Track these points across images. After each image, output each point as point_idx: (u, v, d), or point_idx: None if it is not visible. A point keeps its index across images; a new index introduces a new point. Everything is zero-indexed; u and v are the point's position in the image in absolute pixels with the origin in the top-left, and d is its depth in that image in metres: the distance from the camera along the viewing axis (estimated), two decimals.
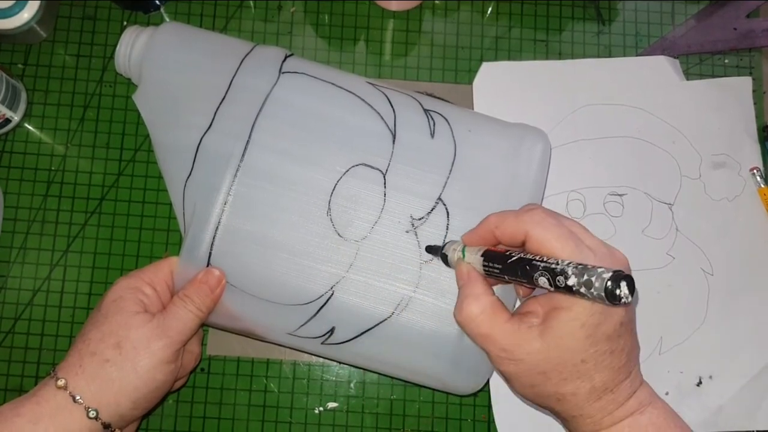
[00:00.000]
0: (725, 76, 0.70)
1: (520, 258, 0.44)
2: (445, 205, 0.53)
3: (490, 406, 0.62)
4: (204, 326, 0.59)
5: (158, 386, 0.49)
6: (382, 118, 0.55)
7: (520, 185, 0.53)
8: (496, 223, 0.47)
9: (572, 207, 0.65)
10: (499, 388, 0.61)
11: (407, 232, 0.53)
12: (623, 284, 0.37)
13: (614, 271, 0.38)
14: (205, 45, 0.59)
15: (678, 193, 0.66)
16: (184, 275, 0.52)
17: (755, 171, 0.66)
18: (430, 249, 0.52)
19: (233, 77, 0.55)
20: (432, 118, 0.56)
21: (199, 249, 0.52)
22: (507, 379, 0.47)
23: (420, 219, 0.53)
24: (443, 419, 0.62)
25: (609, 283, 0.37)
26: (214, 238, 0.52)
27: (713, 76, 0.70)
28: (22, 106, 0.65)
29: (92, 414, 0.46)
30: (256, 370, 0.62)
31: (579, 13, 0.71)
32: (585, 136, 0.67)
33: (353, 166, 0.53)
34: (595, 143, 0.67)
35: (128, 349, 0.48)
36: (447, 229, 0.53)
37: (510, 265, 0.44)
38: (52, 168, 0.65)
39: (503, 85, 0.68)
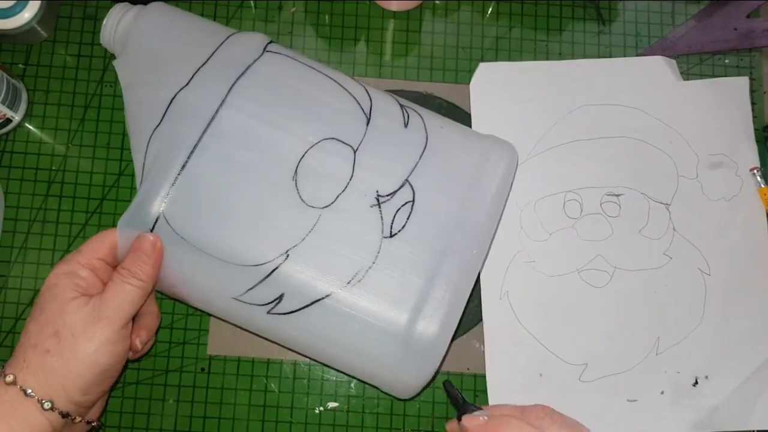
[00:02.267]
0: (725, 76, 0.70)
1: None
2: (412, 186, 0.54)
3: None
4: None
5: (105, 369, 0.48)
6: (358, 103, 0.56)
7: (484, 185, 0.55)
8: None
9: (569, 207, 0.65)
10: (498, 390, 0.62)
11: (372, 206, 0.53)
12: None
13: None
14: (192, 24, 0.59)
15: (675, 193, 0.66)
16: (131, 232, 0.51)
17: (755, 171, 0.66)
18: (449, 388, 0.54)
19: (217, 48, 0.56)
20: (407, 113, 0.57)
21: (155, 196, 0.51)
22: None
23: (386, 196, 0.53)
24: (443, 419, 0.62)
25: None
26: (173, 184, 0.51)
27: (713, 76, 0.70)
28: (23, 106, 0.65)
29: (47, 405, 0.46)
30: (257, 369, 0.63)
31: (579, 13, 0.71)
32: (582, 136, 0.67)
33: (325, 139, 0.54)
34: (591, 143, 0.67)
35: (66, 337, 0.47)
36: (412, 208, 0.53)
37: None
38: (53, 168, 0.66)
39: (500, 86, 0.68)
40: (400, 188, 0.53)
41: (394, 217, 0.53)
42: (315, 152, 0.53)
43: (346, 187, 0.53)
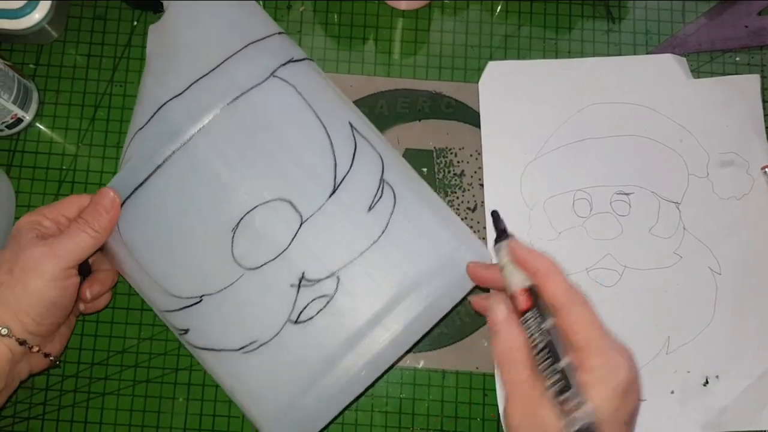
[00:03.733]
0: (736, 74, 0.69)
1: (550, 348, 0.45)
2: (338, 281, 0.52)
3: None
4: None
5: (55, 302, 0.52)
6: (335, 169, 0.53)
7: (415, 304, 0.52)
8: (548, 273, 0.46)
9: (578, 206, 0.65)
10: None
11: (292, 286, 0.52)
12: None
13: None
14: (234, 8, 0.57)
15: (685, 192, 0.66)
16: None
17: (766, 169, 0.66)
18: (497, 222, 0.50)
19: (228, 58, 0.54)
20: (381, 192, 0.54)
21: None
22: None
23: (309, 281, 0.52)
24: (452, 418, 0.63)
25: None
26: (129, 196, 0.53)
27: (724, 74, 0.70)
28: (34, 106, 0.66)
29: (4, 332, 0.50)
30: None
31: (589, 11, 0.71)
32: (591, 134, 0.67)
33: (279, 199, 0.52)
34: (601, 142, 0.67)
35: (17, 272, 0.50)
36: (326, 304, 0.51)
37: (541, 353, 0.45)
38: (64, 167, 0.66)
39: (509, 84, 0.68)
40: (325, 278, 0.51)
41: (307, 305, 0.51)
42: (263, 210, 0.52)
43: (276, 257, 0.52)
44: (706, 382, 0.62)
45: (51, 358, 0.56)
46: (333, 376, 0.51)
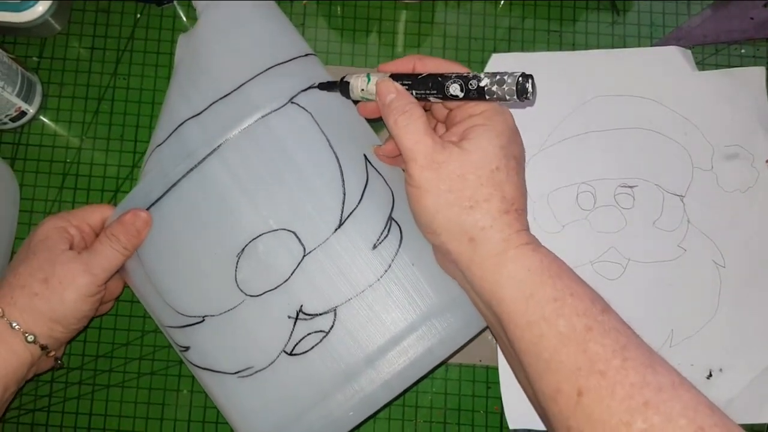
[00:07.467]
0: (741, 66, 0.69)
1: (430, 74, 0.49)
2: (335, 317, 0.51)
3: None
4: None
5: (85, 314, 0.54)
6: (343, 203, 0.52)
7: (413, 341, 0.51)
8: (420, 57, 0.52)
9: (582, 199, 0.65)
10: (509, 381, 0.61)
11: (289, 317, 0.52)
12: (530, 81, 0.46)
13: (522, 72, 0.46)
14: (265, 26, 0.57)
15: (690, 185, 0.66)
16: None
17: None
18: (324, 86, 0.54)
19: (250, 80, 0.54)
20: (388, 230, 0.53)
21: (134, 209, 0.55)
22: (425, 189, 0.48)
23: (307, 315, 0.51)
24: (456, 410, 0.63)
25: (520, 79, 0.46)
26: (148, 210, 0.54)
27: (729, 66, 0.69)
28: (38, 99, 0.66)
29: (30, 338, 0.51)
30: None
31: (593, 3, 0.70)
32: (595, 127, 0.67)
33: (284, 229, 0.52)
34: (605, 135, 0.67)
35: (55, 284, 0.52)
36: (322, 339, 0.51)
37: (421, 80, 0.49)
38: (68, 160, 0.66)
39: None
40: (323, 314, 0.51)
41: (303, 338, 0.51)
42: (268, 238, 0.52)
43: (276, 287, 0.52)
44: (710, 376, 0.62)
45: (59, 361, 0.57)
46: (321, 412, 0.51)
